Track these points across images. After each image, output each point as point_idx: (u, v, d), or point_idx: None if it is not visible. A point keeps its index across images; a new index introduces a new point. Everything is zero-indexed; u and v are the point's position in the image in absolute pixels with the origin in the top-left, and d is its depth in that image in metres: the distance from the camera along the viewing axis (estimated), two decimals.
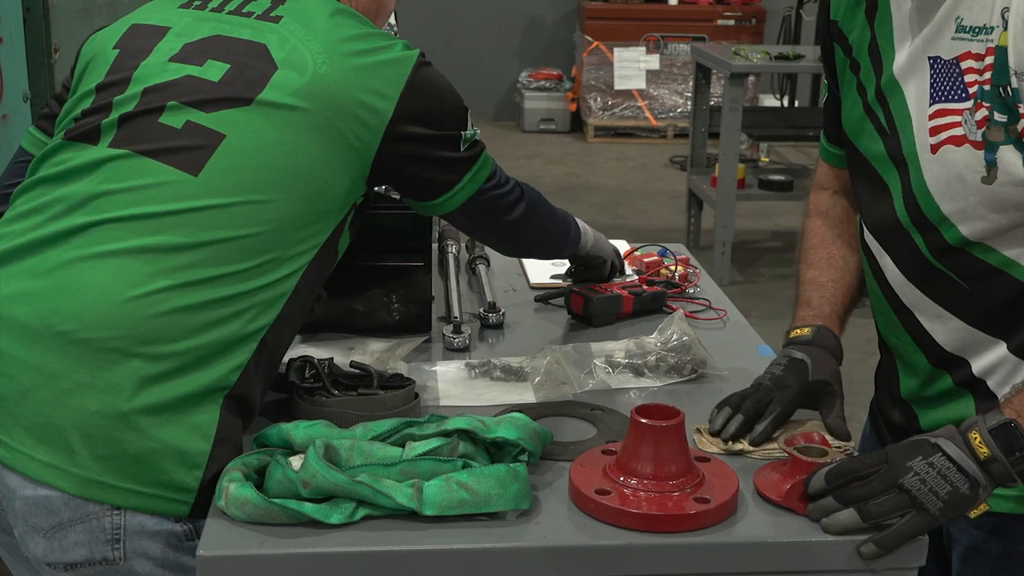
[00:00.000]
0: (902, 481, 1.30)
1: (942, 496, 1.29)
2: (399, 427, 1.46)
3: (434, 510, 1.33)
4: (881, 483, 1.31)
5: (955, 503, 1.30)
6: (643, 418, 1.39)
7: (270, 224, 1.48)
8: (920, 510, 1.30)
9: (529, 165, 7.83)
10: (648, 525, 1.34)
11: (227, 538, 1.33)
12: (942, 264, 1.48)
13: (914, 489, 1.30)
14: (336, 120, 1.51)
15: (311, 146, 1.51)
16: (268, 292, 1.49)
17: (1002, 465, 1.30)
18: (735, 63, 5.39)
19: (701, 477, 1.40)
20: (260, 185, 1.48)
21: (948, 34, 1.41)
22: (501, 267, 2.32)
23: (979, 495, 1.31)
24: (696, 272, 2.25)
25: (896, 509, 1.30)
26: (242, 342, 1.47)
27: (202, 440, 1.43)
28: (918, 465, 1.30)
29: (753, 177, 5.79)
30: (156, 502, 1.41)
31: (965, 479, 1.29)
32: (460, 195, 1.67)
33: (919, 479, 1.30)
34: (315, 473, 1.33)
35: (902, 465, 1.31)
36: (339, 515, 1.33)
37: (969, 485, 1.30)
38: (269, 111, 1.50)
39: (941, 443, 1.31)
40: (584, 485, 1.39)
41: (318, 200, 1.52)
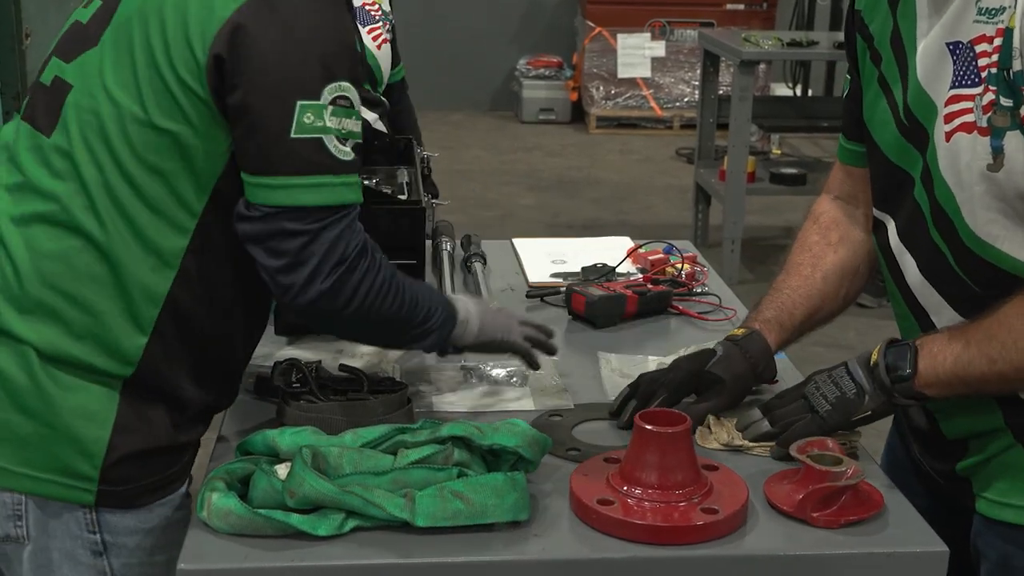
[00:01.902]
0: (804, 391, 1.56)
1: (830, 400, 1.52)
2: (391, 434, 1.46)
3: (427, 521, 1.33)
4: (790, 395, 1.58)
5: (841, 406, 1.51)
6: (648, 424, 1.39)
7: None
8: (812, 413, 1.53)
9: (528, 158, 7.83)
10: (653, 537, 1.34)
11: (209, 550, 1.33)
12: (957, 264, 1.49)
13: (809, 395, 1.54)
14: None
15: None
16: (149, 247, 1.46)
17: (881, 371, 1.49)
18: (745, 50, 5.39)
19: (709, 486, 1.40)
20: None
21: (969, 17, 1.42)
22: (498, 266, 2.32)
23: (864, 402, 1.50)
24: (704, 270, 2.25)
25: (794, 413, 1.55)
26: (140, 310, 1.46)
27: (96, 427, 1.45)
28: (820, 376, 1.55)
29: (764, 170, 5.79)
30: (51, 487, 1.46)
31: (853, 384, 1.51)
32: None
33: (815, 386, 1.54)
34: (302, 482, 1.33)
35: (809, 379, 1.56)
36: (327, 526, 1.33)
37: (855, 391, 1.50)
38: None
39: (849, 362, 1.54)
40: (586, 495, 1.40)
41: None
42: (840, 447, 1.47)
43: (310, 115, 1.41)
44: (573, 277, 2.23)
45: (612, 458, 1.47)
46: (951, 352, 1.45)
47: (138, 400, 1.49)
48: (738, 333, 1.70)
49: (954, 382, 1.46)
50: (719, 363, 1.65)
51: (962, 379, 1.45)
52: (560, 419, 1.66)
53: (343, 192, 1.46)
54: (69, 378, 1.46)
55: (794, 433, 1.51)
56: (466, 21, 9.29)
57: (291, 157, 1.42)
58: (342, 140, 1.45)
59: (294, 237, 1.43)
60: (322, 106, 1.42)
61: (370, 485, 1.36)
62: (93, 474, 1.46)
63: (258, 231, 1.44)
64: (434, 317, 1.58)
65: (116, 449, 1.46)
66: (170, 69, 1.42)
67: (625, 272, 2.25)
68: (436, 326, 1.59)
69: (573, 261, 2.34)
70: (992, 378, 1.44)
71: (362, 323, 1.52)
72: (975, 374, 1.44)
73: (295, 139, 1.41)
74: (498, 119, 9.10)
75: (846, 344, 3.98)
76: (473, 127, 8.82)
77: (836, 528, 1.39)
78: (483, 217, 6.35)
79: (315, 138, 1.42)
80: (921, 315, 1.56)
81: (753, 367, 1.66)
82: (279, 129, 1.41)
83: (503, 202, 6.81)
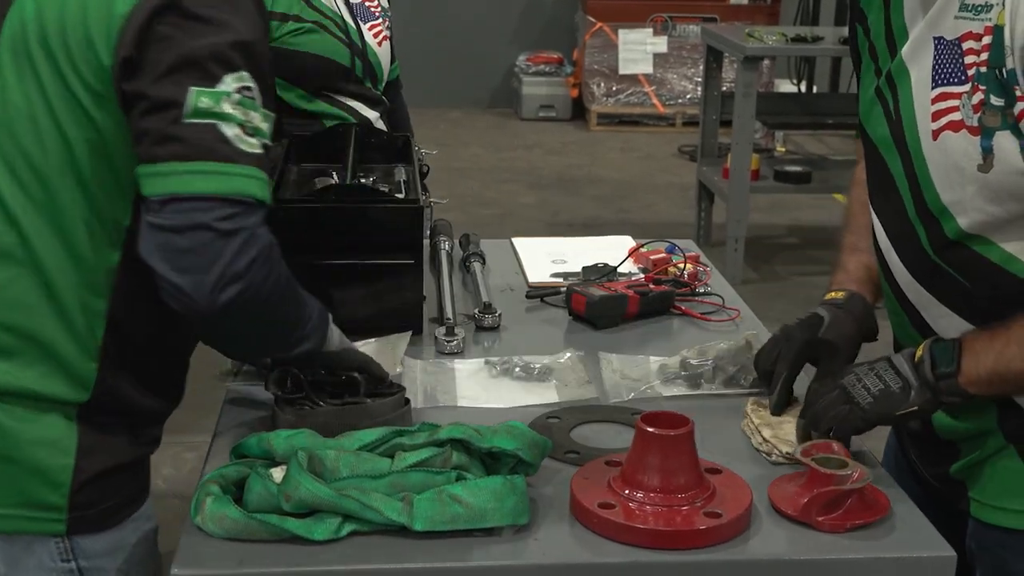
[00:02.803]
0: (842, 381, 1.52)
1: (873, 391, 1.49)
2: (388, 436, 1.46)
3: (425, 525, 1.34)
4: (827, 386, 1.54)
5: (884, 399, 1.49)
6: (649, 427, 1.39)
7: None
8: (851, 404, 1.50)
9: (527, 155, 7.83)
10: (655, 541, 1.35)
11: (203, 556, 1.33)
12: (943, 260, 1.50)
13: (848, 385, 1.51)
14: None
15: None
16: (80, 264, 1.44)
17: (927, 367, 1.47)
18: (749, 45, 5.40)
19: (712, 490, 1.40)
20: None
21: (952, 12, 1.42)
22: (497, 265, 2.32)
23: (909, 397, 1.48)
24: (707, 270, 2.25)
25: (831, 405, 1.51)
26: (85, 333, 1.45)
27: (61, 455, 1.45)
28: (860, 368, 1.52)
29: (768, 168, 5.79)
30: (19, 522, 1.46)
31: (898, 378, 1.49)
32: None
33: (855, 377, 1.51)
34: (298, 485, 1.33)
35: (849, 370, 1.53)
36: (324, 531, 1.33)
37: (901, 385, 1.48)
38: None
39: (892, 357, 1.52)
40: (587, 498, 1.40)
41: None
42: (846, 450, 1.47)
43: (206, 100, 1.35)
44: (573, 277, 2.23)
45: (613, 461, 1.47)
46: (993, 349, 1.45)
47: (97, 421, 1.48)
48: (839, 296, 1.71)
49: (995, 380, 1.46)
50: (831, 328, 1.66)
51: (1003, 376, 1.45)
52: (558, 421, 1.67)
53: (243, 183, 1.37)
54: (24, 411, 1.45)
55: (835, 423, 1.51)
56: (465, 17, 9.29)
57: (183, 142, 1.35)
58: (248, 132, 1.39)
59: (196, 231, 1.34)
60: (220, 93, 1.36)
61: (367, 488, 1.36)
62: (62, 503, 1.46)
63: (153, 227, 1.35)
64: (314, 317, 1.54)
65: (82, 472, 1.46)
66: (75, 75, 1.39)
67: (626, 272, 2.25)
68: (313, 329, 1.54)
69: (573, 261, 2.34)
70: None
71: (259, 326, 1.46)
72: (1016, 371, 1.44)
73: (188, 124, 1.35)
74: (497, 116, 9.10)
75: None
76: (472, 124, 8.82)
77: (842, 532, 1.39)
78: (482, 216, 6.35)
79: (209, 123, 1.35)
80: (912, 312, 1.57)
81: (860, 328, 1.68)
82: (174, 114, 1.35)
83: (502, 200, 6.81)
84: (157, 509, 1.63)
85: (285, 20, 2.77)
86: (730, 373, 1.79)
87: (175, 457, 3.85)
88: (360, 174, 2.20)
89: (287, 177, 2.15)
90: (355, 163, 2.18)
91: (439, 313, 2.02)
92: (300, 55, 2.77)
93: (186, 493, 1.51)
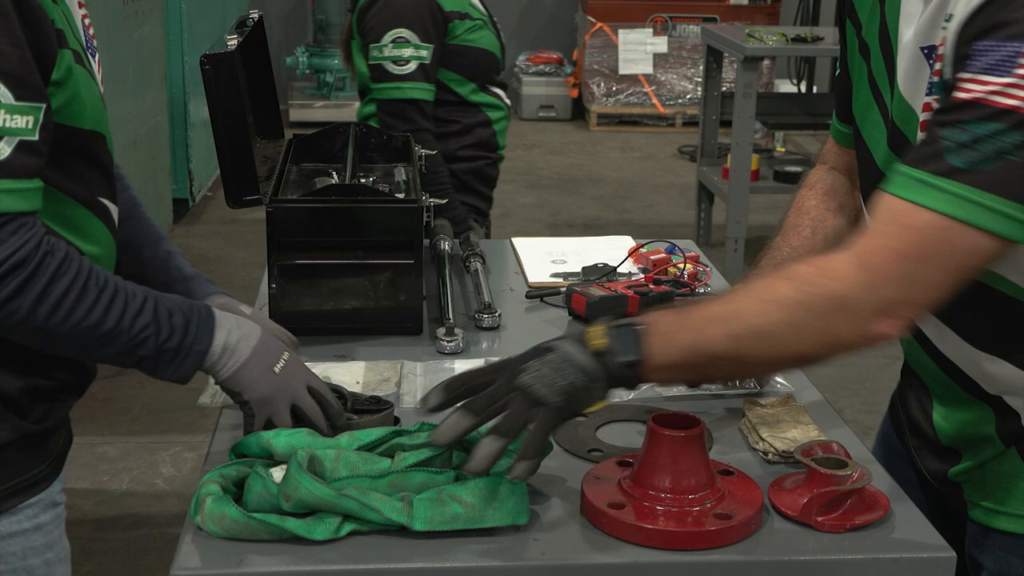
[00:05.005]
0: (518, 382, 1.34)
1: (559, 388, 1.34)
2: (387, 436, 1.46)
3: (424, 525, 1.34)
4: (502, 389, 1.35)
5: (574, 395, 1.34)
6: (661, 427, 1.39)
7: None
8: (543, 406, 1.33)
9: (527, 156, 7.83)
10: (665, 542, 1.34)
11: (203, 556, 1.32)
12: None
13: (531, 386, 1.34)
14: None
15: None
16: None
17: (613, 357, 1.34)
18: (749, 46, 5.40)
19: (723, 492, 1.40)
20: None
21: (940, 22, 1.40)
22: (497, 266, 2.32)
23: (594, 388, 1.35)
24: (707, 270, 2.25)
25: (521, 412, 1.33)
26: None
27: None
28: (531, 365, 1.35)
29: (768, 168, 5.80)
30: None
31: (579, 371, 1.34)
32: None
33: (533, 376, 1.34)
34: (298, 486, 1.33)
35: (515, 368, 1.35)
36: (323, 530, 1.33)
37: (584, 377, 1.34)
38: None
39: (555, 344, 1.37)
40: (597, 498, 1.40)
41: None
42: (845, 451, 1.47)
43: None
44: (573, 277, 2.23)
45: (625, 461, 1.47)
46: (684, 330, 1.36)
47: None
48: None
49: (686, 364, 1.36)
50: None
51: (694, 361, 1.36)
52: (584, 419, 1.67)
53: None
54: None
55: (534, 439, 1.34)
56: None
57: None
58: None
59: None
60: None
61: (367, 489, 1.36)
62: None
63: None
64: (150, 342, 1.44)
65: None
66: None
67: (626, 272, 2.25)
68: (157, 354, 1.44)
69: (573, 261, 2.34)
70: (730, 357, 1.35)
71: (45, 337, 1.41)
72: (712, 352, 1.35)
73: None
74: None
75: None
76: None
77: (841, 532, 1.39)
78: None
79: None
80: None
81: None
82: None
83: (502, 200, 6.80)
84: (157, 509, 1.63)
85: (463, 19, 2.98)
86: None
87: (175, 457, 3.86)
88: (360, 174, 2.20)
89: (287, 177, 2.15)
90: (355, 163, 2.18)
91: (439, 313, 2.02)
92: (474, 51, 3.01)
93: (186, 493, 1.51)
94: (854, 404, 4.14)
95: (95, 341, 1.42)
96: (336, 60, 8.69)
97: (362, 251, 1.91)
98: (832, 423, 1.67)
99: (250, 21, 2.17)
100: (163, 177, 5.82)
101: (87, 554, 3.31)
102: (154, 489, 3.66)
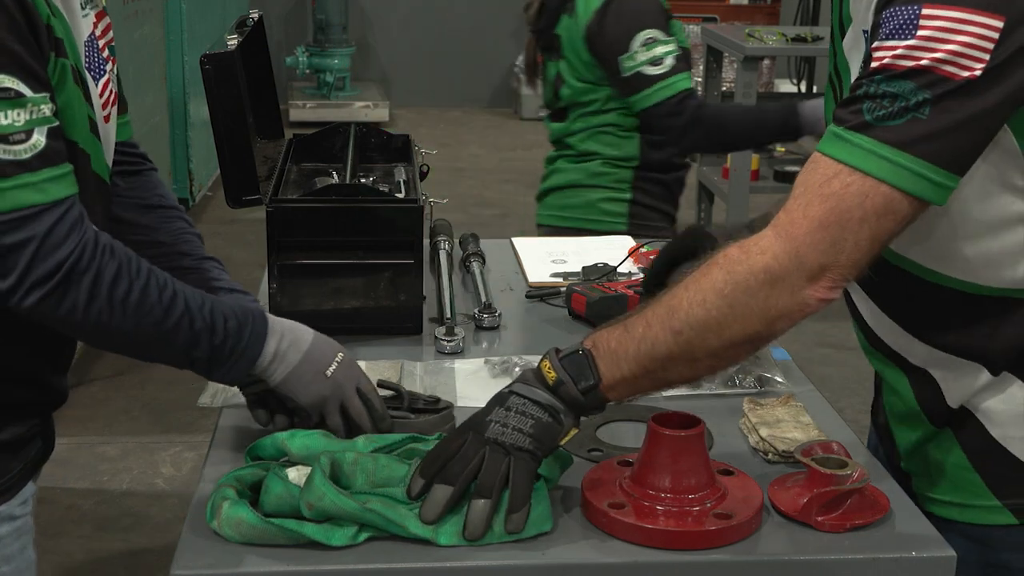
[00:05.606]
0: (487, 435, 1.36)
1: (527, 431, 1.36)
2: (404, 440, 1.46)
3: (451, 540, 1.33)
4: (472, 448, 1.36)
5: (543, 433, 1.36)
6: (661, 427, 1.39)
7: None
8: (517, 452, 1.35)
9: (527, 156, 7.83)
10: (665, 542, 1.34)
11: (203, 556, 1.32)
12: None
13: (500, 437, 1.36)
14: None
15: None
16: None
17: (569, 387, 1.37)
18: (749, 46, 5.39)
19: (723, 492, 1.40)
20: None
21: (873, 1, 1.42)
22: (497, 265, 2.32)
23: (563, 421, 1.38)
24: None
25: (496, 466, 1.34)
26: None
27: None
28: (495, 414, 1.38)
29: (768, 168, 5.79)
30: None
31: (541, 408, 1.37)
32: None
33: (500, 426, 1.36)
34: (322, 496, 1.32)
35: (482, 422, 1.38)
36: (342, 536, 1.32)
37: (548, 414, 1.37)
38: None
39: (513, 387, 1.40)
40: (597, 498, 1.40)
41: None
42: (845, 450, 1.47)
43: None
44: (573, 277, 2.23)
45: (626, 461, 1.47)
46: (630, 341, 1.37)
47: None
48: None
49: (639, 373, 1.38)
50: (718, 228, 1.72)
51: (646, 368, 1.37)
52: (585, 419, 1.66)
53: (15, 196, 1.33)
54: None
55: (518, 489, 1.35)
56: (465, 16, 9.29)
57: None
58: (13, 141, 1.32)
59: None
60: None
61: (391, 503, 1.35)
62: None
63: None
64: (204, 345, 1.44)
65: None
66: None
67: (626, 272, 2.25)
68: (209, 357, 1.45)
69: (573, 260, 2.34)
70: (679, 354, 1.36)
71: (104, 336, 1.42)
72: (661, 355, 1.36)
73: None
74: (497, 116, 9.10)
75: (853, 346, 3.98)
76: (471, 124, 8.82)
77: (842, 532, 1.39)
78: (482, 216, 6.35)
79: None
80: (848, 299, 1.61)
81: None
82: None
83: (502, 200, 6.81)
84: (157, 509, 1.63)
85: (676, 20, 2.90)
86: (730, 373, 1.79)
87: (175, 457, 3.86)
88: (360, 174, 2.20)
89: (287, 177, 2.15)
90: (355, 163, 2.18)
91: (439, 313, 2.02)
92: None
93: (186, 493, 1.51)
94: (854, 404, 4.14)
95: (155, 341, 1.43)
96: (336, 60, 8.71)
97: (362, 251, 1.91)
98: (832, 423, 1.67)
99: (250, 21, 2.17)
100: (163, 177, 5.79)
101: (87, 554, 3.30)
102: (154, 489, 3.66)
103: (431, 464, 1.37)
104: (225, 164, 1.92)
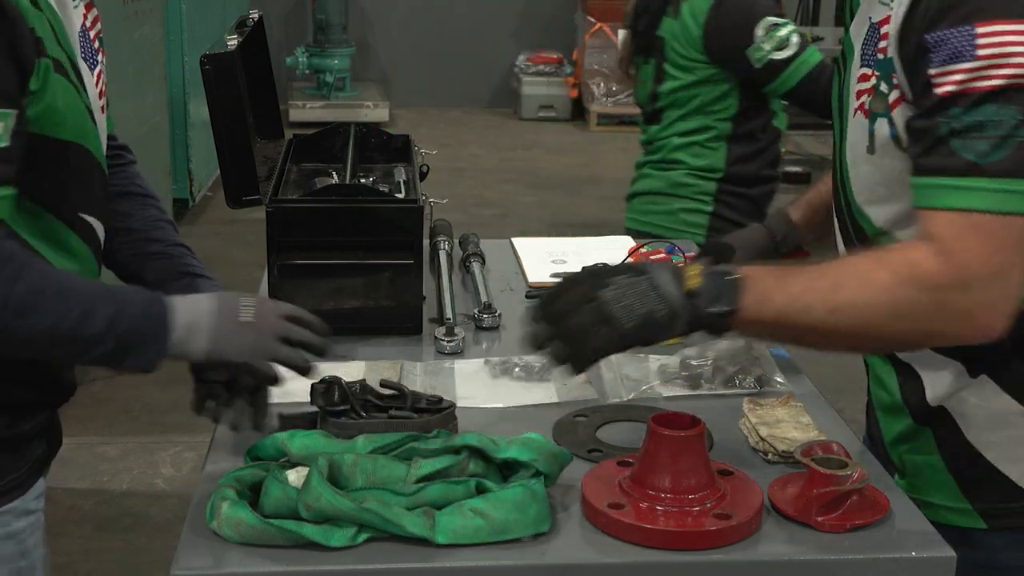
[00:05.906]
0: (599, 293, 1.34)
1: (637, 313, 1.33)
2: (404, 440, 1.46)
3: (448, 538, 1.33)
4: (578, 294, 1.35)
5: (649, 324, 1.34)
6: (661, 427, 1.39)
7: None
8: (610, 324, 1.33)
9: (527, 156, 7.84)
10: (665, 542, 1.34)
11: (203, 556, 1.32)
12: (856, 236, 1.56)
13: (608, 302, 1.33)
14: None
15: None
16: None
17: (703, 300, 1.35)
18: None
19: (723, 492, 1.40)
20: None
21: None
22: (497, 266, 2.32)
23: (675, 324, 1.35)
24: None
25: (589, 322, 1.33)
26: None
27: None
28: (619, 280, 1.35)
29: None
30: None
31: (663, 304, 1.34)
32: None
33: (616, 293, 1.34)
34: (319, 496, 1.32)
35: (603, 280, 1.35)
36: (341, 537, 1.32)
37: (667, 312, 1.34)
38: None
39: (651, 268, 1.37)
40: (597, 499, 1.40)
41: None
42: (845, 451, 1.47)
43: None
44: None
45: (626, 461, 1.47)
46: (783, 294, 1.36)
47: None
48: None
49: (775, 326, 1.38)
50: (737, 236, 1.84)
51: (786, 325, 1.37)
52: (585, 419, 1.67)
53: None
54: None
55: (585, 352, 1.35)
56: (465, 17, 9.29)
57: None
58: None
59: None
60: None
61: (388, 503, 1.36)
62: None
63: None
64: (113, 333, 1.40)
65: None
66: None
67: None
68: (116, 337, 1.40)
69: (573, 260, 2.34)
70: (825, 331, 1.37)
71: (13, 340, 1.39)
72: (807, 322, 1.36)
73: None
74: (497, 116, 9.10)
75: None
76: (471, 124, 8.82)
77: (841, 532, 1.39)
78: (482, 216, 6.36)
79: None
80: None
81: (771, 238, 1.83)
82: None
83: (502, 201, 6.81)
84: (157, 509, 1.63)
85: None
86: (730, 373, 1.79)
87: (175, 457, 3.86)
88: (360, 174, 2.20)
89: (287, 177, 2.15)
90: (355, 163, 2.18)
91: (439, 313, 2.02)
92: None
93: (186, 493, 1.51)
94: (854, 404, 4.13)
95: (50, 342, 1.39)
96: (336, 60, 8.71)
97: (362, 251, 1.91)
98: (832, 423, 1.67)
99: (250, 21, 2.17)
100: (163, 177, 5.82)
101: (87, 554, 3.30)
102: (154, 489, 3.66)
103: (549, 300, 1.37)
104: (225, 164, 1.92)
